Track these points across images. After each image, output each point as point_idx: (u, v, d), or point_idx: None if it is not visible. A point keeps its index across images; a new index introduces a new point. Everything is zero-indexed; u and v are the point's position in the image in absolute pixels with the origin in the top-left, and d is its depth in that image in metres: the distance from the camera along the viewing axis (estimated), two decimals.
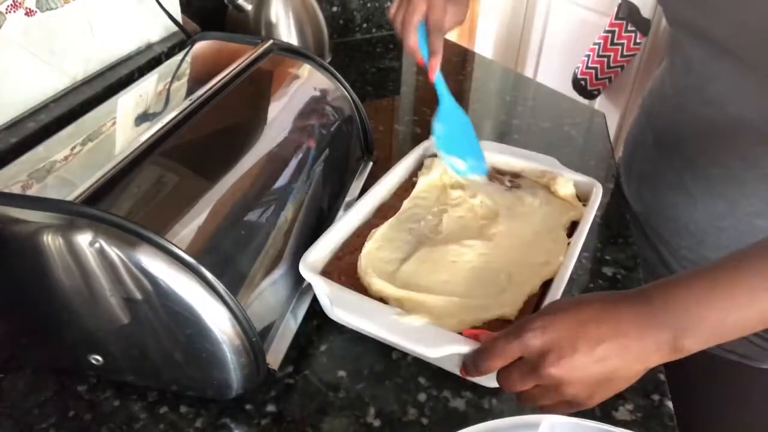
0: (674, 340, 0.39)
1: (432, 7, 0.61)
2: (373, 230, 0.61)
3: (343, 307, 0.53)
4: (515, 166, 0.73)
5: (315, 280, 0.54)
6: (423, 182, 0.69)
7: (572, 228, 0.64)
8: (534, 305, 0.54)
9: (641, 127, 0.76)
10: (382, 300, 0.54)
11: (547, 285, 0.56)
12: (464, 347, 0.47)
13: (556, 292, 0.53)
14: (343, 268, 0.57)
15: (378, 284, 0.54)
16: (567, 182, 0.69)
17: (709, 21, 0.55)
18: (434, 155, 0.72)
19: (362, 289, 0.55)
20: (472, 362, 0.45)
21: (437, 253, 0.59)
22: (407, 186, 0.69)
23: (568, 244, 0.60)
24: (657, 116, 0.71)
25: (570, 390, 0.40)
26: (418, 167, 0.72)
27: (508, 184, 0.70)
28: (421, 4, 0.61)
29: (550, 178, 0.70)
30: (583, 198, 0.68)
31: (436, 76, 0.65)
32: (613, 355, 0.39)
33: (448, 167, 0.68)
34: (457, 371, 0.49)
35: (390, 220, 0.63)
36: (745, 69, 0.55)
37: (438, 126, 0.67)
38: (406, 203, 0.65)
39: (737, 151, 0.59)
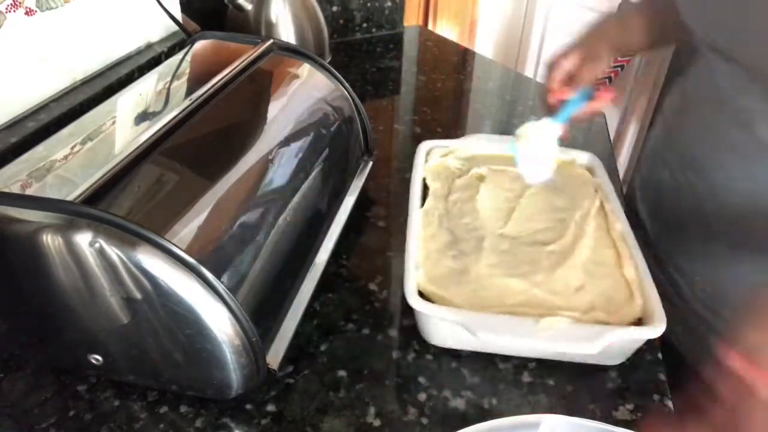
0: None
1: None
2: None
3: (484, 330, 0.49)
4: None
5: (438, 311, 0.51)
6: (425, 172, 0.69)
7: None
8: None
9: (662, 143, 0.72)
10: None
11: None
12: (620, 333, 0.49)
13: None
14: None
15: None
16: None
17: (740, 46, 0.54)
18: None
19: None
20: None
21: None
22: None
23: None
24: (679, 133, 0.68)
25: None
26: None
27: None
28: (601, 63, 0.64)
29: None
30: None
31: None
32: None
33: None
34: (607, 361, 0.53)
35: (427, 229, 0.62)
36: None
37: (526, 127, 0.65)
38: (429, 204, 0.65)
39: (759, 176, 0.56)
